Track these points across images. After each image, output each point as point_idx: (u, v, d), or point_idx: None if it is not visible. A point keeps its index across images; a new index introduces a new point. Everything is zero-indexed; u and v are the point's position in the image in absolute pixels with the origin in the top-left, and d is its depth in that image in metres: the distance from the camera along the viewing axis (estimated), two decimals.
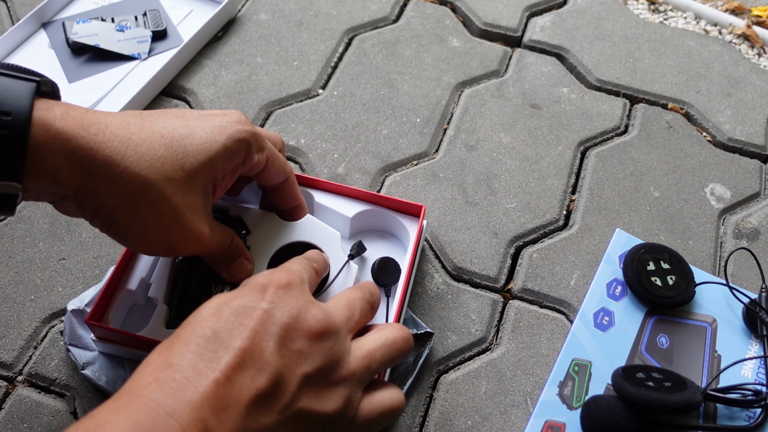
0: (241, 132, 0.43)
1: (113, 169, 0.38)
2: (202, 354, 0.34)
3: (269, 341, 0.35)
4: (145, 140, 0.39)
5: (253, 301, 0.37)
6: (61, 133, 0.37)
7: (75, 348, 0.53)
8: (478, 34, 0.79)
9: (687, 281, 0.56)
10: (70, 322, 0.53)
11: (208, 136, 0.42)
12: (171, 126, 0.41)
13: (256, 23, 0.78)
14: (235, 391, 0.33)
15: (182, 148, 0.40)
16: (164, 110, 0.44)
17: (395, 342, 0.40)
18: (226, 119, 0.43)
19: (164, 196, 0.39)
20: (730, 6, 0.83)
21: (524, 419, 0.52)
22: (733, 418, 0.51)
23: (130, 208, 0.39)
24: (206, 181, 0.42)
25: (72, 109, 0.38)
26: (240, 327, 0.35)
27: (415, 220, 0.56)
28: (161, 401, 0.32)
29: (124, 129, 0.39)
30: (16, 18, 0.77)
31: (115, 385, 0.51)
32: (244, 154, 0.44)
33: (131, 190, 0.39)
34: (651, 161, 0.68)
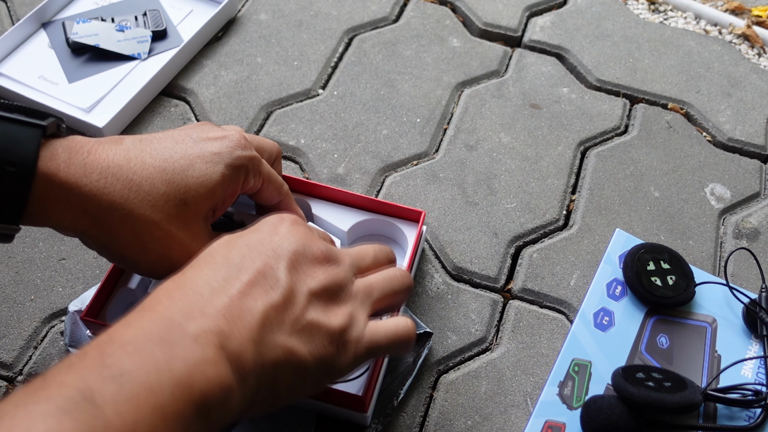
0: (240, 159, 0.44)
1: (118, 213, 0.40)
2: (216, 275, 0.35)
3: (279, 263, 0.37)
4: (146, 179, 0.41)
5: (266, 234, 0.39)
6: (65, 184, 0.39)
7: (75, 349, 0.53)
8: (478, 34, 0.79)
9: (687, 281, 0.56)
10: (71, 323, 0.53)
11: (207, 167, 0.43)
12: (171, 157, 0.42)
13: (256, 23, 0.78)
14: (249, 302, 0.35)
15: (183, 182, 0.42)
16: (165, 134, 0.44)
17: (395, 276, 0.42)
18: (224, 144, 0.44)
19: (170, 233, 0.41)
20: (730, 6, 0.83)
21: (524, 419, 0.52)
22: (733, 418, 0.51)
23: (138, 245, 0.41)
24: (207, 209, 0.43)
25: (75, 152, 0.40)
26: (252, 253, 0.37)
27: (415, 225, 0.56)
28: (174, 313, 0.33)
29: (125, 169, 0.40)
30: (16, 18, 0.77)
31: None
32: (243, 180, 0.45)
33: (137, 230, 0.41)
34: (651, 161, 0.68)
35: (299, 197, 0.57)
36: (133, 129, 0.68)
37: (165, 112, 0.70)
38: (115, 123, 0.66)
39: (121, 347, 0.31)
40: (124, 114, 0.67)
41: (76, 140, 0.41)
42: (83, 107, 0.67)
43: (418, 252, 0.57)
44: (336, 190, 0.56)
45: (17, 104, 0.39)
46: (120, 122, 0.67)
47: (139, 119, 0.69)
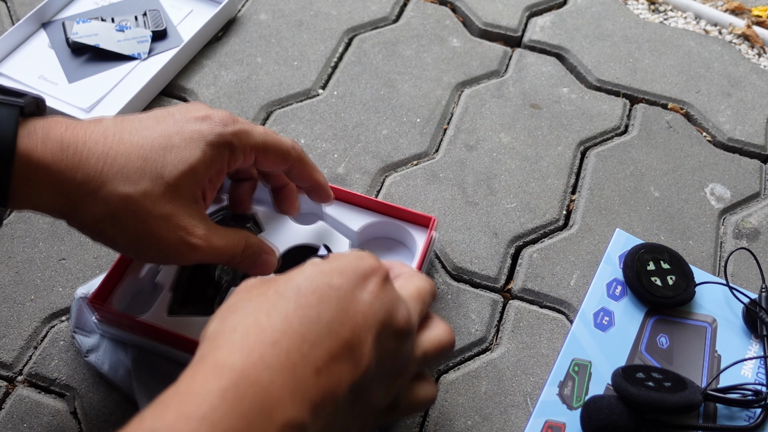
0: (222, 136, 0.43)
1: (91, 186, 0.39)
2: (306, 337, 0.33)
3: (368, 334, 0.34)
4: (122, 153, 0.40)
5: (355, 288, 0.36)
6: (41, 161, 0.38)
7: (79, 334, 0.53)
8: (478, 34, 0.79)
9: (687, 281, 0.56)
10: (77, 308, 0.54)
11: (187, 144, 0.41)
12: (150, 135, 0.41)
13: (256, 23, 0.78)
14: (333, 382, 0.32)
15: (161, 158, 0.40)
16: (148, 114, 0.43)
17: (445, 348, 0.40)
18: (207, 124, 0.43)
19: (144, 208, 0.40)
20: (730, 6, 0.83)
21: (524, 419, 0.52)
22: (733, 418, 0.51)
23: (113, 220, 0.40)
24: (190, 188, 0.42)
25: (53, 128, 0.39)
26: (343, 314, 0.34)
27: (425, 231, 0.56)
28: (268, 387, 0.30)
29: (101, 144, 0.39)
30: (16, 18, 0.77)
31: (117, 372, 0.51)
32: (227, 158, 0.43)
33: (110, 204, 0.39)
34: (651, 161, 0.68)
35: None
36: None
37: None
38: None
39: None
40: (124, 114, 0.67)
41: (55, 119, 0.40)
42: (83, 107, 0.67)
43: (428, 258, 0.57)
44: (348, 192, 0.56)
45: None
46: None
47: None
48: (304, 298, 0.34)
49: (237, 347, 0.32)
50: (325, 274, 0.35)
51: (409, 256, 0.57)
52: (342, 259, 0.37)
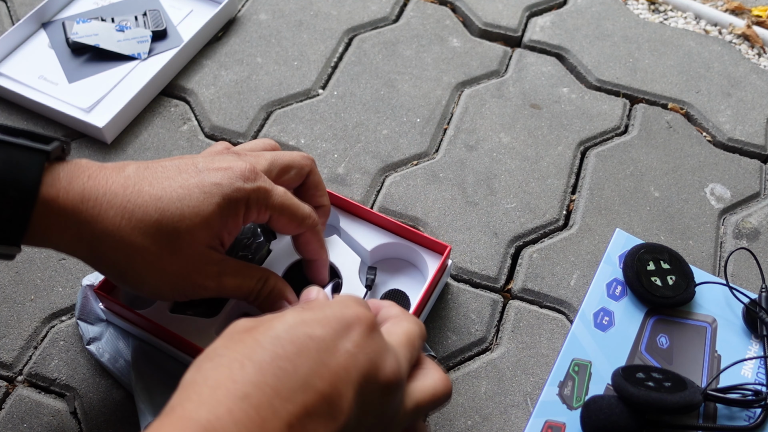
0: (239, 191, 0.43)
1: (110, 239, 0.40)
2: (280, 391, 0.31)
3: (348, 388, 0.32)
4: (140, 206, 0.41)
5: (337, 338, 0.34)
6: (63, 210, 0.39)
7: (83, 322, 0.54)
8: (478, 34, 0.79)
9: (687, 281, 0.56)
10: (83, 296, 0.54)
11: (203, 198, 0.42)
12: (170, 186, 0.42)
13: (256, 23, 0.78)
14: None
15: (178, 211, 0.41)
16: (172, 162, 0.44)
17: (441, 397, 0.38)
18: (226, 175, 0.43)
19: (161, 258, 0.41)
20: (730, 6, 0.83)
21: (524, 419, 0.52)
22: (733, 418, 0.51)
23: (132, 271, 0.42)
24: (205, 239, 0.42)
25: (76, 177, 0.40)
26: (322, 366, 0.32)
27: (439, 257, 0.55)
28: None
29: (121, 197, 0.40)
30: (16, 18, 0.77)
31: (117, 362, 0.52)
32: (243, 212, 0.43)
33: (130, 255, 0.41)
34: (651, 161, 0.68)
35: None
36: (133, 129, 0.68)
37: (165, 112, 0.70)
38: (115, 123, 0.66)
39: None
40: (124, 114, 0.67)
41: (79, 165, 0.41)
42: (83, 107, 0.67)
43: (440, 284, 0.56)
44: (366, 209, 0.55)
45: (22, 128, 0.39)
46: (120, 122, 0.67)
47: (139, 119, 0.69)
48: (281, 348, 0.32)
49: (205, 399, 0.30)
50: (306, 324, 0.34)
51: (420, 279, 0.56)
52: (325, 308, 0.36)
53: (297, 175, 0.49)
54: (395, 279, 0.56)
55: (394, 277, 0.56)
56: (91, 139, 0.67)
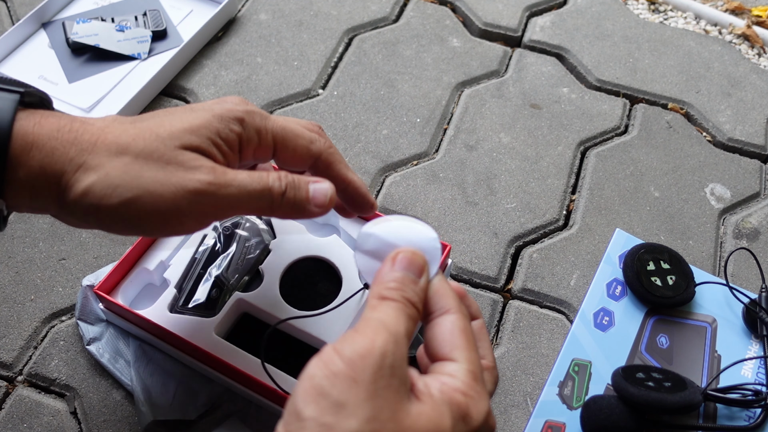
0: (231, 111, 0.39)
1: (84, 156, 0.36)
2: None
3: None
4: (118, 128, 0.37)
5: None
6: (36, 141, 0.36)
7: (83, 323, 0.54)
8: (478, 34, 0.79)
9: (687, 281, 0.56)
10: (83, 296, 0.54)
11: (189, 113, 0.39)
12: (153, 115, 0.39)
13: (256, 23, 0.78)
14: None
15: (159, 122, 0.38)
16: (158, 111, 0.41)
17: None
18: (216, 102, 0.40)
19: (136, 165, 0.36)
20: (730, 6, 0.83)
21: (524, 419, 0.52)
22: (733, 418, 0.51)
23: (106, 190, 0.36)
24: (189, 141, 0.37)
25: (51, 115, 0.37)
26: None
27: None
28: None
29: (99, 123, 0.38)
30: (16, 18, 0.77)
31: (117, 363, 0.52)
32: (238, 131, 0.39)
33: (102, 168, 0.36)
34: (651, 161, 0.68)
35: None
36: None
37: None
38: None
39: None
40: (124, 114, 0.67)
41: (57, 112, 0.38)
42: (83, 107, 0.67)
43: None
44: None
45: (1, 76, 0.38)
46: None
47: None
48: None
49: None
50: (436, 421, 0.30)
51: None
52: (466, 399, 0.32)
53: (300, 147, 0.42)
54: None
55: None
56: None
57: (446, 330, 0.34)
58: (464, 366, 0.33)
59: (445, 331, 0.34)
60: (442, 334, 0.34)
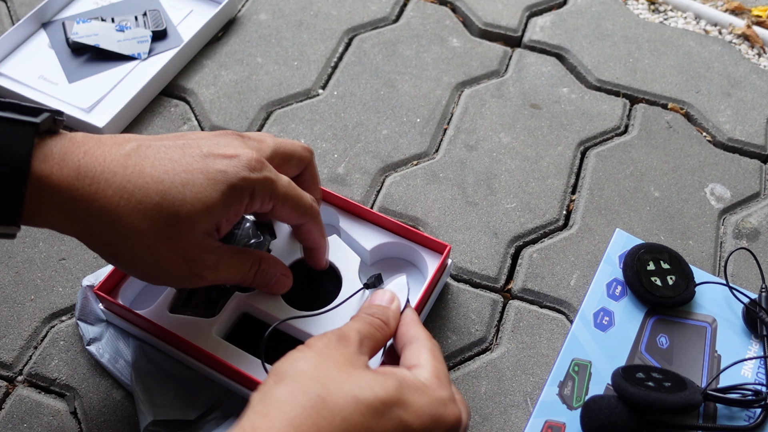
0: (245, 180, 0.42)
1: (107, 219, 0.39)
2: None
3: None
4: (140, 187, 0.39)
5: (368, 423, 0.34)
6: (57, 187, 0.38)
7: (83, 323, 0.54)
8: (478, 34, 0.79)
9: (687, 281, 0.56)
10: (83, 297, 0.54)
11: (208, 185, 0.40)
12: (173, 169, 0.40)
13: (256, 23, 0.78)
14: None
15: (180, 195, 0.40)
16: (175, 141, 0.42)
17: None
18: (233, 163, 0.42)
19: (157, 244, 0.40)
20: (730, 6, 0.83)
21: (524, 419, 0.52)
22: (733, 418, 0.51)
23: (127, 252, 0.41)
24: (205, 226, 0.41)
25: (70, 153, 0.38)
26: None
27: (439, 256, 0.55)
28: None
29: (120, 176, 0.39)
30: (16, 18, 0.77)
31: (117, 363, 0.52)
32: (246, 202, 0.43)
33: (125, 237, 0.40)
34: (651, 161, 0.68)
35: (329, 208, 0.57)
36: (133, 129, 0.68)
37: (165, 112, 0.70)
38: (115, 123, 0.66)
39: None
40: (124, 114, 0.67)
41: (74, 139, 0.39)
42: (83, 107, 0.67)
43: (439, 284, 0.56)
44: (366, 209, 0.56)
45: (10, 101, 0.38)
46: (120, 122, 0.67)
47: (139, 119, 0.69)
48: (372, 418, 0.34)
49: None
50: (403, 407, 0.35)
51: (420, 279, 0.56)
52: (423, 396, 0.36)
53: (296, 166, 0.49)
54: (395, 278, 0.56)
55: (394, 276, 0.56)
56: None
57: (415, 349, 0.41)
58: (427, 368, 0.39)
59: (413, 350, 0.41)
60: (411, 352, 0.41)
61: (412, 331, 0.42)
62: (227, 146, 0.43)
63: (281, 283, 0.49)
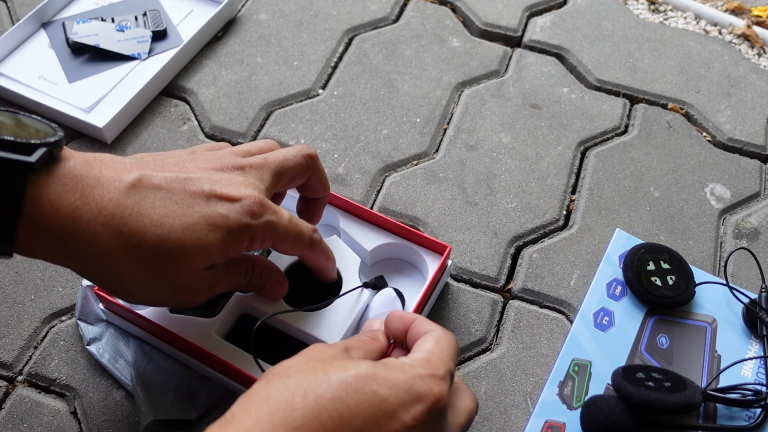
0: (246, 227, 0.41)
1: (102, 261, 0.39)
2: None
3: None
4: (137, 232, 0.38)
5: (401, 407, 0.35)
6: (51, 230, 0.37)
7: (83, 323, 0.54)
8: (478, 34, 0.79)
9: (687, 281, 0.56)
10: (83, 296, 0.54)
11: (208, 230, 0.40)
12: (173, 213, 0.39)
13: (256, 23, 0.78)
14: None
15: (179, 240, 0.39)
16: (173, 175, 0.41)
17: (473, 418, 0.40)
18: (234, 208, 0.41)
19: (155, 284, 0.41)
20: (730, 6, 0.83)
21: (524, 419, 0.52)
22: (733, 418, 0.51)
23: (122, 290, 0.41)
24: (202, 267, 0.41)
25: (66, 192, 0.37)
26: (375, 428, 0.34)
27: (439, 257, 0.55)
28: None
29: (117, 219, 0.38)
30: (16, 18, 0.77)
31: (117, 363, 0.52)
32: (246, 245, 0.43)
33: (123, 278, 0.40)
34: (651, 161, 0.68)
35: (329, 209, 0.56)
36: (133, 129, 0.68)
37: (165, 112, 0.70)
38: (115, 123, 0.66)
39: None
40: (124, 114, 0.67)
41: (72, 176, 0.38)
42: (83, 107, 0.67)
43: (439, 285, 0.56)
44: (366, 209, 0.55)
45: (4, 138, 0.36)
46: (120, 122, 0.67)
47: (139, 119, 0.69)
48: (345, 392, 0.34)
49: (262, 420, 0.33)
50: (376, 380, 0.35)
51: (420, 280, 0.56)
52: (400, 373, 0.36)
53: (300, 178, 0.49)
54: (395, 279, 0.56)
55: (394, 277, 0.56)
56: (91, 139, 0.67)
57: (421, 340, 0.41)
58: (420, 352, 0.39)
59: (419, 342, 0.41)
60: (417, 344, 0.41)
61: (424, 327, 0.42)
62: (229, 184, 0.42)
63: (275, 290, 0.49)
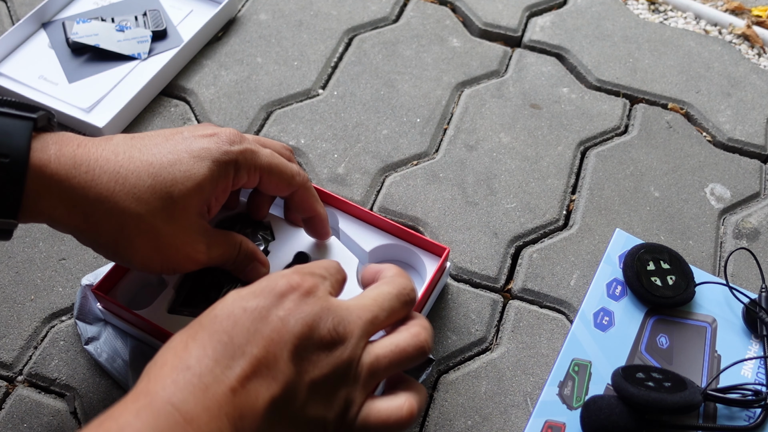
0: (228, 153, 0.44)
1: (105, 206, 0.40)
2: (219, 360, 0.34)
3: (283, 350, 0.35)
4: (133, 171, 0.41)
5: (270, 307, 0.37)
6: (56, 175, 0.39)
7: (81, 322, 0.54)
8: (478, 34, 0.79)
9: (687, 281, 0.57)
10: (81, 296, 0.54)
11: (194, 162, 0.43)
12: (159, 152, 0.43)
13: (256, 23, 0.78)
14: (251, 399, 0.34)
15: (170, 175, 0.42)
16: (157, 132, 0.45)
17: (405, 351, 0.39)
18: (214, 141, 0.44)
19: (155, 226, 0.42)
20: (730, 6, 0.83)
21: (524, 419, 0.52)
22: (733, 418, 0.51)
23: (125, 240, 0.42)
24: (197, 205, 0.43)
25: (66, 144, 0.41)
26: (256, 334, 0.35)
27: (438, 259, 0.55)
28: (180, 406, 0.32)
29: (113, 162, 0.41)
30: (16, 18, 0.77)
31: (114, 362, 0.52)
32: (232, 175, 0.45)
33: (124, 223, 0.41)
34: (651, 161, 0.68)
35: (328, 210, 0.56)
36: (134, 129, 0.68)
37: (165, 112, 0.70)
38: (115, 123, 0.66)
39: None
40: (124, 114, 0.67)
41: (66, 135, 0.42)
42: (83, 107, 0.67)
43: (439, 286, 0.56)
44: (365, 210, 0.55)
45: (7, 98, 0.40)
46: (120, 122, 0.67)
47: (139, 119, 0.69)
48: (218, 324, 0.36)
49: (154, 376, 0.34)
50: (242, 299, 0.37)
51: (418, 281, 0.56)
52: (262, 282, 0.38)
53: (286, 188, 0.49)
54: None
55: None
56: None
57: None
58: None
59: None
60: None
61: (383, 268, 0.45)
62: (206, 128, 0.46)
63: (258, 270, 0.50)
